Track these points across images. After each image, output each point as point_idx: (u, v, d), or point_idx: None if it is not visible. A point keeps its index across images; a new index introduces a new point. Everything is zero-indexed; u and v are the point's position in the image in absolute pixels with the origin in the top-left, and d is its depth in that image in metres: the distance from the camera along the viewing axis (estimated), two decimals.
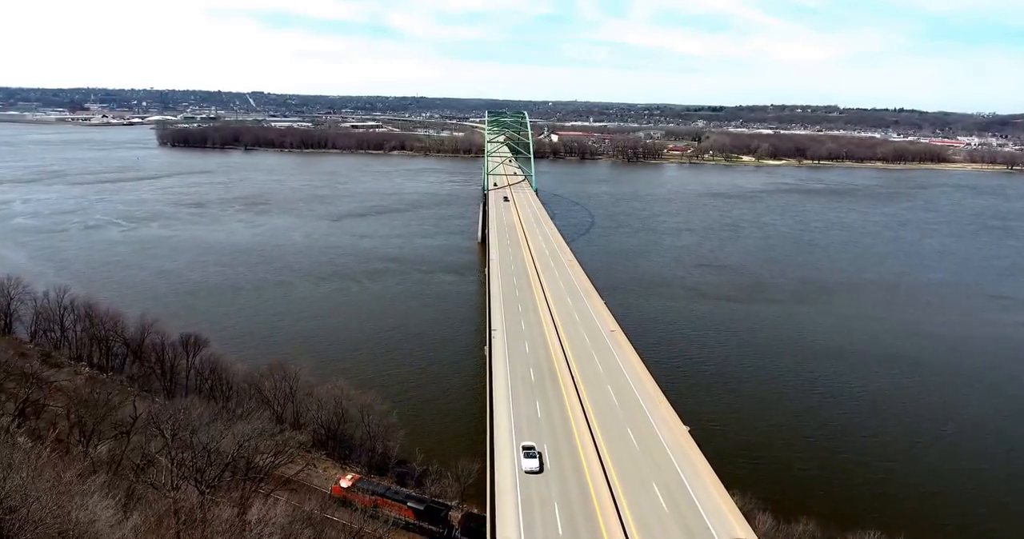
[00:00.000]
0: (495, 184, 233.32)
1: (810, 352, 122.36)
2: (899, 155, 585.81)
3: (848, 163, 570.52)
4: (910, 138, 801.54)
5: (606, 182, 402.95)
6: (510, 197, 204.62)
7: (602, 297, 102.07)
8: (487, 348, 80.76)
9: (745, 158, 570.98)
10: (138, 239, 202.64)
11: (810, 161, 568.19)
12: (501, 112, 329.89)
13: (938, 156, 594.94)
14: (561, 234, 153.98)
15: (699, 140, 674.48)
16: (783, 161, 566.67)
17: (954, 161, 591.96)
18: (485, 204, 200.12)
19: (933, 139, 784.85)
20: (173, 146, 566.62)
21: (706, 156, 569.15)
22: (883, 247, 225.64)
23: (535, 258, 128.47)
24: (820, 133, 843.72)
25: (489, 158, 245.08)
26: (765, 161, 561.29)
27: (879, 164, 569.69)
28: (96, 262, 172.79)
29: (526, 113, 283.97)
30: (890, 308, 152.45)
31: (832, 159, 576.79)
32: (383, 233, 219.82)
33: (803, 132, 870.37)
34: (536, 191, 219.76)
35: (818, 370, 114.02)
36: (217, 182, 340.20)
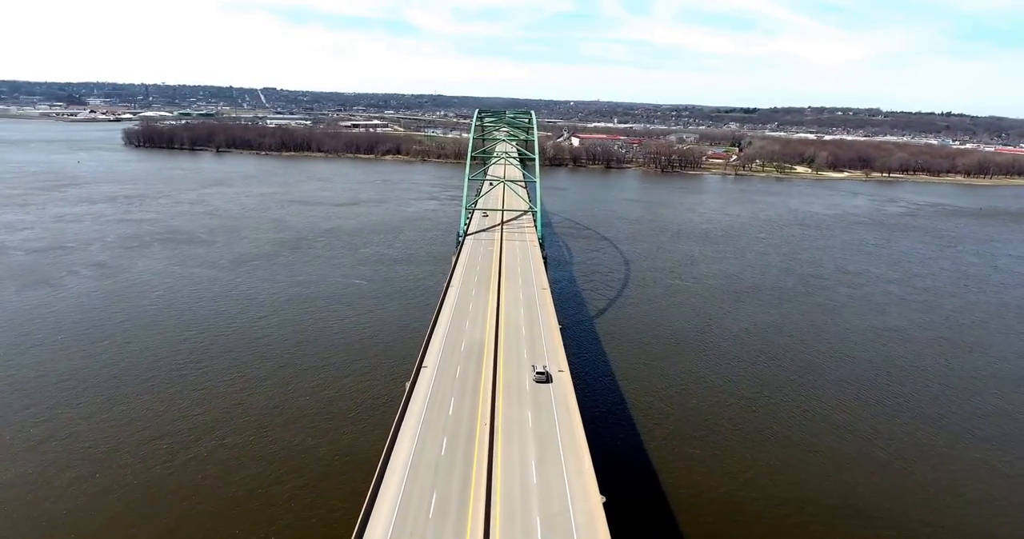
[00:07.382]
0: (481, 222, 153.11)
1: None
2: (983, 168, 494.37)
3: (923, 176, 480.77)
4: (968, 145, 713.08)
5: (636, 202, 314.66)
6: (497, 254, 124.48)
7: None
8: None
9: (799, 169, 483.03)
10: None
11: (878, 174, 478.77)
12: (498, 111, 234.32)
13: None
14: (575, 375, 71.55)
15: (739, 145, 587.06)
16: (845, 173, 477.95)
17: None
18: (454, 268, 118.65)
19: (1000, 148, 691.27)
20: (139, 146, 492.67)
21: (753, 166, 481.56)
22: None
23: None
24: (876, 139, 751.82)
25: (475, 178, 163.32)
26: (824, 173, 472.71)
27: (959, 178, 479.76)
28: None
29: (532, 113, 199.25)
30: None
31: (903, 171, 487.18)
32: (295, 295, 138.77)
33: (851, 138, 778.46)
34: (542, 241, 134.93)
35: None
36: (132, 194, 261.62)
